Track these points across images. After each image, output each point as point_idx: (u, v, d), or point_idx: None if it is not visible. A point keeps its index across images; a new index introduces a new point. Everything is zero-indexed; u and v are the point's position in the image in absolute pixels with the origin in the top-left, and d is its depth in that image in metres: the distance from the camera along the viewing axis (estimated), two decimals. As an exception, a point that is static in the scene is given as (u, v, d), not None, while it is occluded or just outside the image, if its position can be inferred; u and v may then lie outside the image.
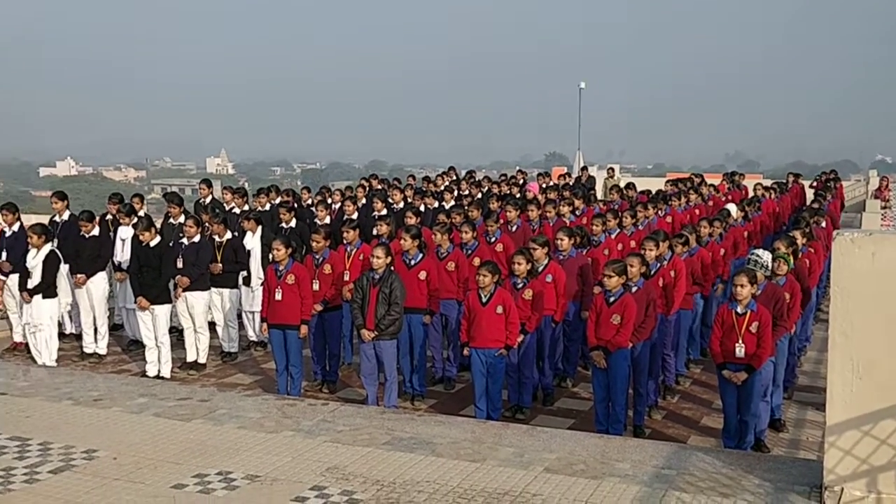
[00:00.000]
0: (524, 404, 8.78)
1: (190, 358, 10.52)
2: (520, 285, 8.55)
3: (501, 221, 11.54)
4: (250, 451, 6.37)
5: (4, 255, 10.99)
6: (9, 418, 7.07)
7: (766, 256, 8.22)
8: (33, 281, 10.27)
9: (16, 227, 11.05)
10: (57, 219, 11.64)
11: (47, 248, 10.32)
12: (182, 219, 11.62)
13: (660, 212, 13.42)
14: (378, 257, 8.34)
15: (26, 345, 10.86)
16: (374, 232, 10.78)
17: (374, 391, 8.58)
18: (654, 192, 16.40)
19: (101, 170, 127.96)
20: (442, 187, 16.49)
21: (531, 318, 8.51)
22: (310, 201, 15.09)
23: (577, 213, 13.07)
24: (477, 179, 18.55)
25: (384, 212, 12.92)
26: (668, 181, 19.89)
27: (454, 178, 18.88)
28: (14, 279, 10.86)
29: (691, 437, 8.26)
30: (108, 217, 11.95)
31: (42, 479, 5.80)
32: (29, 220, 11.69)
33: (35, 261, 10.28)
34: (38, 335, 10.37)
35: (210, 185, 14.43)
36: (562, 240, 9.54)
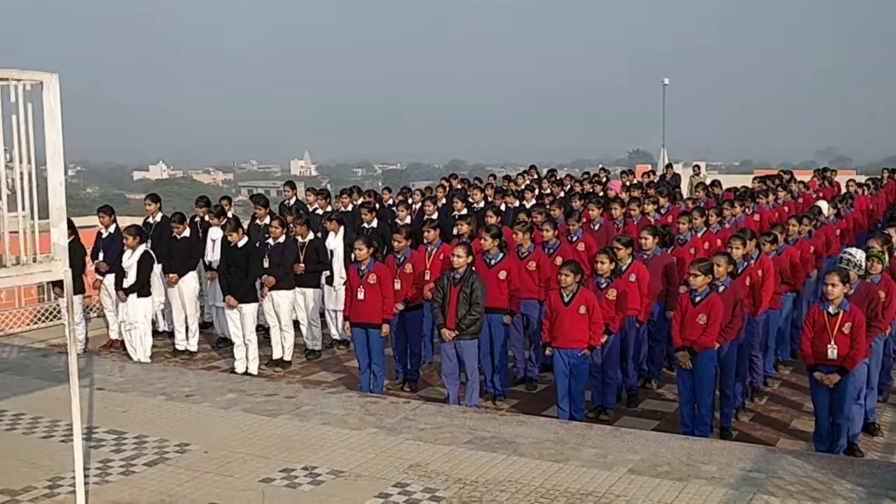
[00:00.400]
0: (608, 405, 8.69)
1: (276, 355, 10.75)
2: (603, 285, 8.47)
3: (584, 220, 11.44)
4: (335, 446, 6.48)
5: (101, 255, 11.43)
6: (106, 412, 7.36)
7: (859, 255, 7.95)
8: (128, 280, 10.66)
9: (112, 229, 11.49)
10: (150, 220, 12.06)
11: (142, 248, 10.70)
12: (268, 220, 11.90)
13: (747, 209, 13.08)
14: (459, 256, 8.37)
15: (122, 342, 11.27)
16: (455, 231, 10.81)
17: (455, 390, 8.61)
18: (741, 189, 15.99)
19: (191, 173, 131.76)
20: (523, 186, 16.43)
21: (615, 319, 8.42)
22: (391, 202, 15.24)
23: (661, 211, 12.86)
24: (559, 178, 18.42)
25: (464, 211, 12.94)
26: (755, 178, 19.40)
27: (535, 176, 18.79)
28: (110, 279, 11.28)
29: (780, 440, 8.03)
30: (197, 219, 12.30)
31: (138, 471, 6.03)
32: (124, 221, 12.15)
33: (130, 261, 10.67)
34: (133, 332, 10.76)
35: (294, 187, 14.72)
36: (646, 238, 9.40)
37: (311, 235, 11.13)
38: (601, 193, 16.25)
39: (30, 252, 4.98)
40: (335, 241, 11.53)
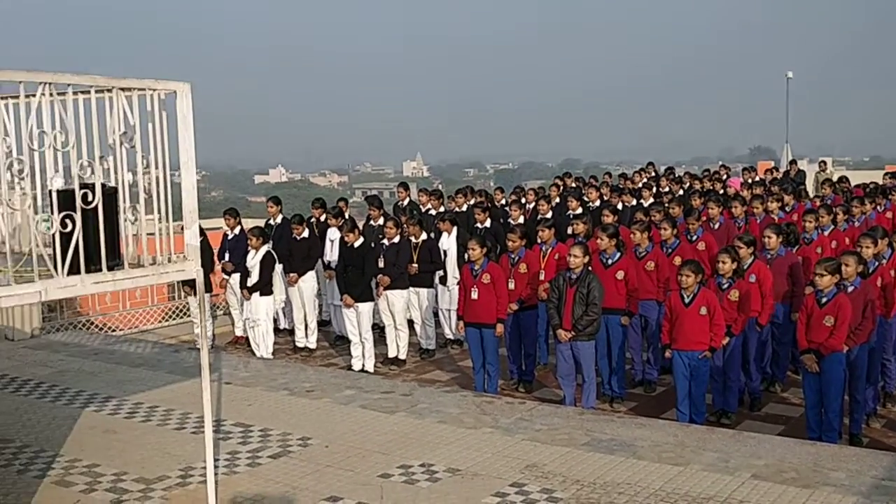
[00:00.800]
0: (729, 409, 8.45)
1: (391, 354, 10.93)
2: (725, 285, 8.23)
3: (703, 219, 11.15)
4: (451, 445, 6.54)
5: (227, 255, 11.90)
6: (232, 406, 7.66)
7: None
8: (252, 279, 11.07)
9: (237, 231, 11.95)
10: (272, 222, 12.48)
11: (264, 249, 11.09)
12: (382, 221, 12.12)
13: (878, 206, 12.49)
14: (576, 256, 8.30)
15: (246, 338, 11.71)
16: (570, 231, 10.73)
17: (571, 392, 8.54)
18: (871, 185, 15.24)
19: (308, 176, 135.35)
20: (640, 184, 16.14)
21: (737, 320, 8.17)
22: (503, 201, 15.25)
23: (786, 209, 12.40)
24: (677, 175, 18.01)
25: (579, 210, 12.83)
26: (886, 174, 18.45)
27: (653, 174, 18.44)
28: (236, 278, 11.74)
29: (917, 450, 7.61)
30: (313, 220, 12.61)
31: (263, 463, 6.25)
32: (247, 223, 12.61)
33: (254, 261, 11.08)
34: (257, 330, 11.17)
35: (407, 188, 14.93)
36: (769, 237, 9.08)
37: (424, 236, 11.26)
38: (721, 191, 15.80)
39: (165, 253, 5.23)
40: (448, 242, 11.63)
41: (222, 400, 7.80)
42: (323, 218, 12.43)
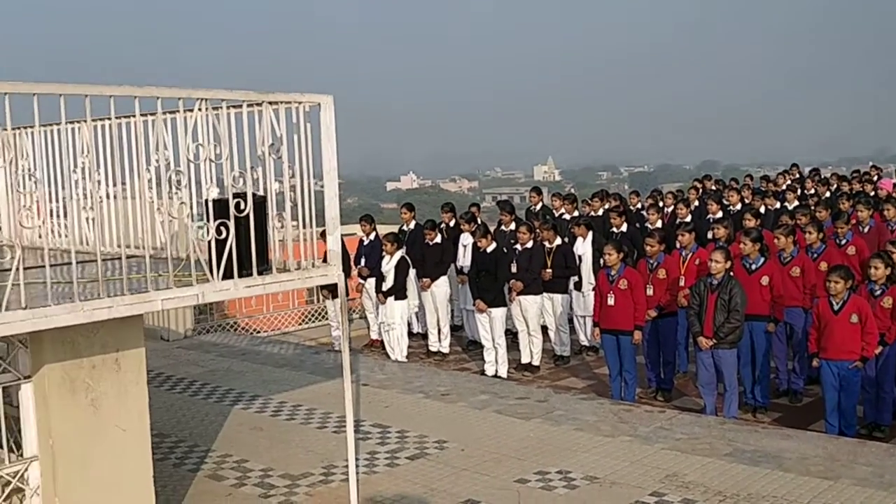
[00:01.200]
0: (882, 422, 7.99)
1: (524, 360, 10.91)
2: (878, 292, 7.81)
3: (853, 222, 10.60)
4: (588, 452, 6.48)
5: (363, 261, 12.21)
6: (370, 407, 7.85)
7: None
8: (387, 284, 11.32)
9: (372, 237, 12.24)
10: (405, 228, 12.71)
11: (399, 254, 11.32)
12: (513, 226, 12.11)
13: None
14: (717, 262, 8.06)
15: (381, 342, 11.97)
16: (710, 235, 10.43)
17: (712, 401, 8.30)
18: None
19: (439, 182, 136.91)
20: (783, 186, 15.51)
21: (891, 329, 7.72)
22: (639, 205, 14.97)
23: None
24: (823, 177, 17.19)
25: (720, 214, 12.44)
26: None
27: (797, 176, 17.67)
28: (371, 282, 12.03)
29: None
30: (443, 225, 12.74)
31: (401, 463, 6.38)
32: (381, 230, 12.90)
33: (388, 266, 11.33)
34: (391, 333, 11.40)
35: (540, 193, 14.87)
36: (926, 242, 8.54)
37: (558, 240, 11.19)
38: (871, 193, 14.96)
39: (309, 258, 5.43)
40: (583, 247, 11.51)
41: (361, 401, 8.01)
42: (453, 222, 12.55)
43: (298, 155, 5.22)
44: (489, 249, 10.60)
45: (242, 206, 4.81)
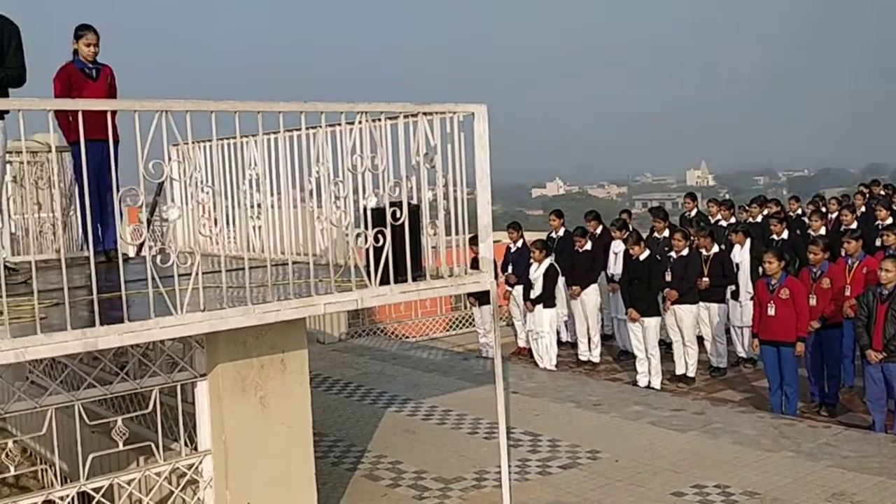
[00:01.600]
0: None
1: (679, 371, 10.64)
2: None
3: None
4: (747, 467, 6.25)
5: (510, 268, 12.25)
6: (521, 415, 7.87)
7: None
8: (535, 292, 11.31)
9: (520, 244, 12.27)
10: (554, 235, 12.65)
11: (547, 261, 11.29)
12: (667, 233, 11.84)
13: None
14: (887, 270, 7.60)
15: (529, 350, 11.97)
16: (879, 243, 9.84)
17: (881, 418, 7.83)
18: None
19: (586, 188, 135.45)
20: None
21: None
22: (799, 211, 14.30)
23: None
24: None
25: (889, 220, 11.71)
26: None
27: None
28: (519, 290, 12.05)
29: None
30: (596, 231, 12.56)
31: (553, 472, 6.36)
32: (528, 237, 12.90)
33: (537, 273, 11.32)
34: (540, 342, 11.38)
35: (694, 199, 14.45)
36: None
37: (715, 248, 10.85)
38: None
39: (461, 265, 5.53)
40: (741, 254, 11.12)
41: (511, 408, 8.04)
42: (599, 231, 12.35)
43: (452, 164, 5.33)
44: (642, 257, 10.41)
45: (398, 215, 4.96)
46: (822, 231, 11.61)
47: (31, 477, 7.04)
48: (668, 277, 10.42)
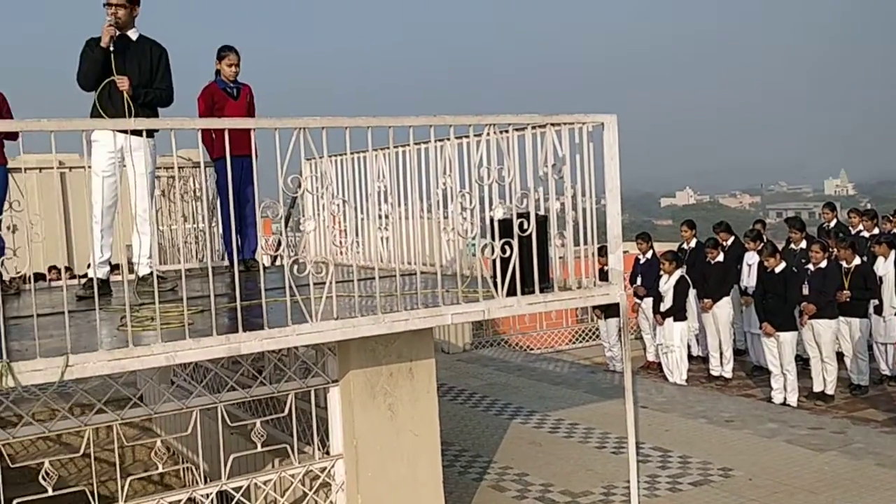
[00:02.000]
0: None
1: (816, 388, 10.18)
2: None
3: None
4: (891, 490, 5.93)
5: (639, 279, 12.03)
6: (650, 430, 7.71)
7: None
8: (665, 304, 11.07)
9: (649, 255, 12.03)
10: (685, 246, 12.36)
11: (678, 273, 11.04)
12: (804, 244, 11.36)
13: None
14: None
15: (658, 363, 11.72)
16: None
17: None
18: None
19: (717, 197, 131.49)
20: None
21: None
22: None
23: None
24: None
25: None
26: None
27: None
28: (648, 302, 11.82)
29: None
30: (726, 243, 12.16)
31: (684, 489, 6.20)
32: (657, 248, 12.64)
33: (667, 286, 11.08)
34: (670, 356, 11.13)
35: (834, 209, 13.80)
36: None
37: (857, 260, 10.33)
38: None
39: (589, 276, 5.48)
40: (884, 267, 10.54)
41: (639, 423, 7.88)
42: (730, 242, 11.96)
43: (581, 174, 5.31)
44: (777, 269, 10.03)
45: (526, 226, 4.97)
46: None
47: (173, 475, 7.41)
48: (805, 291, 9.99)
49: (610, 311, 11.89)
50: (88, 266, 5.80)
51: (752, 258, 11.29)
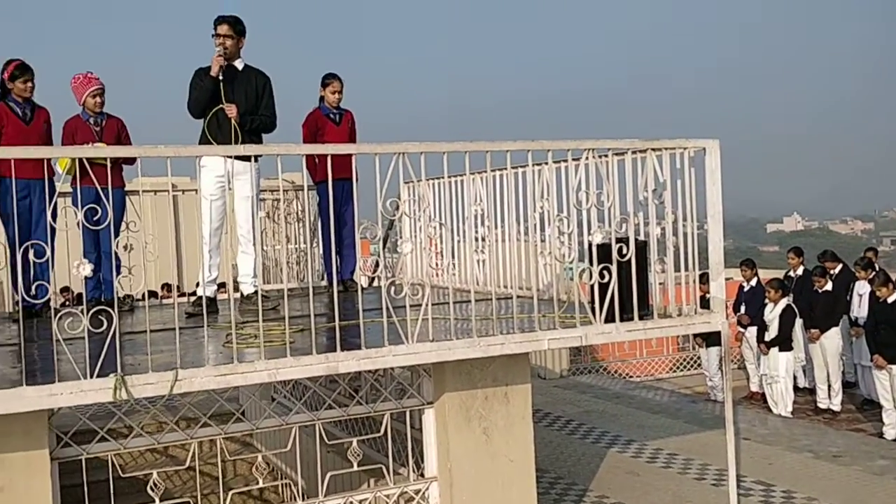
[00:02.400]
0: None
1: (934, 424, 9.67)
2: None
3: None
4: None
5: (743, 307, 11.70)
6: (753, 463, 7.45)
7: None
8: (770, 334, 10.73)
9: (753, 282, 11.70)
10: (792, 274, 11.98)
11: (784, 302, 10.69)
12: (922, 273, 10.85)
13: None
14: None
15: (762, 394, 11.35)
16: None
17: None
18: None
19: (827, 223, 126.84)
20: None
21: None
22: None
23: None
24: None
25: None
26: None
27: None
28: (752, 331, 11.48)
29: None
30: (833, 271, 11.70)
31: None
32: (762, 275, 12.26)
33: (772, 314, 10.74)
34: (775, 387, 10.77)
35: (954, 237, 13.14)
36: None
37: (979, 291, 9.79)
38: None
39: (690, 303, 5.37)
40: None
41: (741, 455, 7.64)
42: (837, 270, 11.48)
43: (682, 199, 5.22)
44: (890, 300, 9.61)
45: (625, 251, 4.91)
46: None
47: (272, 491, 7.59)
48: (922, 322, 9.52)
49: (711, 339, 11.61)
50: (197, 284, 6.05)
51: (863, 287, 10.83)
